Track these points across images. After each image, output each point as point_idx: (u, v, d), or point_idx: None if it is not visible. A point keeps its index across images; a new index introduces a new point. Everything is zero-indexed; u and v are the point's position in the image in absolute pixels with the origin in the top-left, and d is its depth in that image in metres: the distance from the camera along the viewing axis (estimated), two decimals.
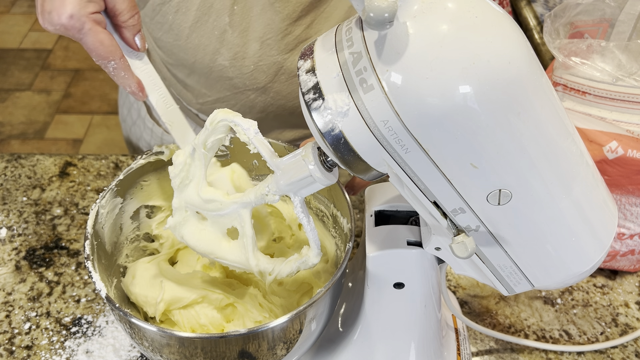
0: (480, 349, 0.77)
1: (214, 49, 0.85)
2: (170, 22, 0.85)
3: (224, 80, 0.89)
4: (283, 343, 0.56)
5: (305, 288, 0.69)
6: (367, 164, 0.45)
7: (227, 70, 0.87)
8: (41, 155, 1.00)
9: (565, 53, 0.76)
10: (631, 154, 0.73)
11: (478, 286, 0.84)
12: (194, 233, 0.60)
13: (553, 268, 0.51)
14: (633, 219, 0.79)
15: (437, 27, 0.40)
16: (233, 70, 0.87)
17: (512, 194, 0.45)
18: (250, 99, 0.91)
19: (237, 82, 0.89)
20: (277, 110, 0.93)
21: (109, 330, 0.76)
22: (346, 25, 0.45)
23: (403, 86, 0.40)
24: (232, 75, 0.88)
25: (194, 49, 0.86)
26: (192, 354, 0.54)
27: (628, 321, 0.80)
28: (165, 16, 0.84)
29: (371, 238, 0.58)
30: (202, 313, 0.65)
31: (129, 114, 1.12)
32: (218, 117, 0.56)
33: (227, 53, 0.85)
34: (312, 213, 0.72)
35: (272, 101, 0.91)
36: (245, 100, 0.92)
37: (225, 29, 0.83)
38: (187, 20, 0.83)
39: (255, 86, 0.89)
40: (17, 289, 0.81)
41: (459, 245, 0.47)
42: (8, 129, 2.54)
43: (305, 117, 0.45)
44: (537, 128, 0.43)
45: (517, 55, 0.41)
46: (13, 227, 0.89)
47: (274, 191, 0.54)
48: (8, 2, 3.24)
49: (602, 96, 0.75)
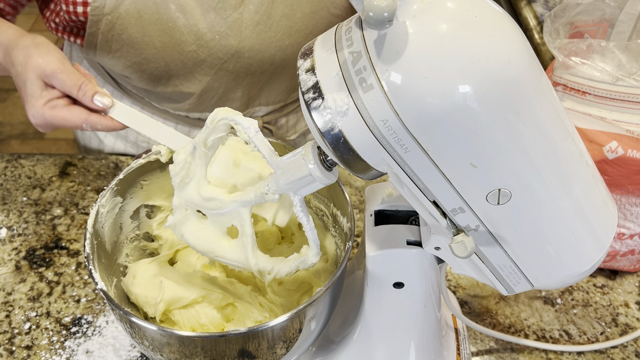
0: (480, 349, 0.77)
1: (176, 41, 0.87)
2: (126, 39, 0.87)
3: (199, 65, 0.91)
4: (283, 342, 0.56)
5: (305, 287, 0.69)
6: (366, 164, 0.45)
7: (197, 54, 0.89)
8: (41, 155, 1.01)
9: (565, 53, 0.76)
10: (631, 154, 0.73)
11: (478, 286, 0.84)
12: (194, 231, 0.60)
13: (553, 268, 0.51)
14: (633, 219, 0.79)
15: (437, 26, 0.40)
16: (202, 51, 0.88)
17: (511, 194, 0.45)
18: (231, 71, 0.92)
19: (211, 61, 0.90)
20: (261, 68, 0.93)
21: (109, 330, 0.76)
22: (346, 24, 0.45)
23: (402, 86, 0.40)
24: (204, 56, 0.89)
25: (159, 51, 0.88)
26: (192, 353, 0.54)
27: (628, 321, 0.80)
28: (120, 37, 0.87)
29: (371, 238, 0.58)
30: (202, 313, 0.65)
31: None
32: (219, 115, 0.56)
33: (189, 38, 0.87)
34: (312, 212, 0.72)
35: (250, 61, 0.92)
36: (228, 77, 0.93)
37: (176, 17, 0.85)
38: (139, 29, 0.86)
39: (228, 54, 0.90)
40: (17, 289, 0.81)
41: (459, 244, 0.47)
42: (8, 129, 2.54)
43: (305, 117, 0.45)
44: (537, 128, 0.43)
45: (517, 54, 0.41)
46: (13, 227, 0.89)
47: (273, 190, 0.54)
48: None
49: (602, 96, 0.75)
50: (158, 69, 0.91)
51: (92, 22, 0.86)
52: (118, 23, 0.85)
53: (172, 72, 0.91)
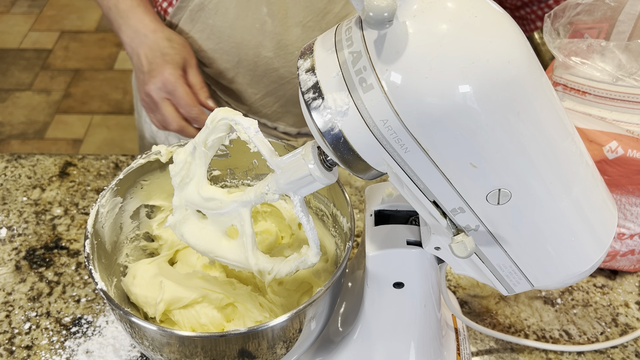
0: (480, 349, 0.77)
1: (256, 42, 0.87)
2: (211, 25, 0.87)
3: (270, 73, 0.91)
4: (283, 342, 0.56)
5: (305, 287, 0.69)
6: (366, 164, 0.45)
7: (272, 61, 0.88)
8: (41, 155, 1.01)
9: (565, 53, 0.76)
10: (631, 154, 0.73)
11: (478, 286, 0.84)
12: (194, 231, 0.60)
13: (553, 268, 0.51)
14: (633, 219, 0.79)
15: (437, 26, 0.40)
16: (278, 60, 0.88)
17: (511, 194, 0.45)
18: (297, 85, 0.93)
19: (283, 72, 0.90)
20: None
21: (109, 330, 0.76)
22: (346, 24, 0.45)
23: (402, 85, 0.40)
24: (278, 65, 0.89)
25: (237, 47, 0.88)
26: (192, 352, 0.54)
27: (628, 321, 0.80)
28: (205, 21, 0.87)
29: (371, 238, 0.58)
30: (202, 313, 0.65)
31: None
32: (219, 115, 0.56)
33: (269, 44, 0.86)
34: (312, 212, 0.72)
35: None
36: (293, 90, 0.93)
37: (264, 20, 0.85)
38: (227, 19, 0.85)
39: None
40: (17, 289, 0.81)
41: (459, 244, 0.47)
42: (8, 129, 2.54)
43: (305, 117, 0.45)
44: (537, 128, 0.43)
45: (517, 54, 0.41)
46: (13, 227, 0.89)
47: (273, 190, 0.54)
48: (8, 2, 3.24)
49: (602, 96, 0.75)
50: (230, 62, 0.91)
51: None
52: (209, 7, 0.86)
53: (242, 70, 0.92)
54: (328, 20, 0.85)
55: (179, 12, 0.89)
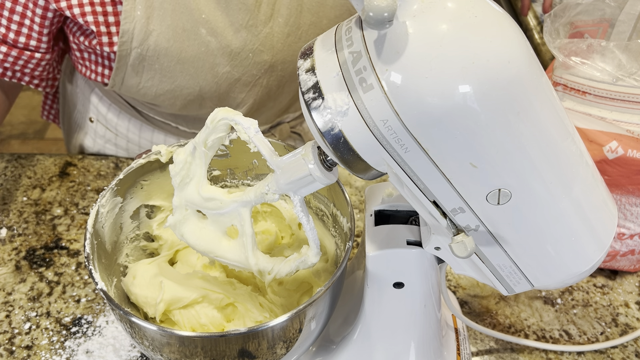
0: (480, 349, 0.77)
1: (210, 64, 0.87)
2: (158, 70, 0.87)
3: (233, 84, 0.91)
4: (283, 342, 0.56)
5: (305, 287, 0.69)
6: (366, 164, 0.45)
7: (232, 74, 0.89)
8: (41, 155, 1.01)
9: (565, 53, 0.76)
10: (631, 154, 0.73)
11: (478, 286, 0.84)
12: (194, 231, 0.60)
13: (553, 268, 0.51)
14: (633, 219, 0.79)
15: (437, 26, 0.40)
16: (237, 70, 0.89)
17: (511, 194, 0.45)
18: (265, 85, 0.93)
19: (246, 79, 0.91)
20: (292, 78, 0.94)
21: (109, 330, 0.76)
22: (346, 24, 0.45)
23: (402, 85, 0.40)
24: (238, 75, 0.90)
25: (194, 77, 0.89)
26: (193, 352, 0.54)
27: (628, 321, 0.80)
28: (151, 68, 0.87)
29: (371, 238, 0.58)
30: (202, 313, 0.65)
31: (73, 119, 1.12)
32: (219, 115, 0.56)
33: (222, 59, 0.87)
34: (312, 212, 0.72)
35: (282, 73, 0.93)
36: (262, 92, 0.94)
37: (208, 41, 0.86)
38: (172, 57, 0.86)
39: (262, 70, 0.91)
40: (17, 289, 0.81)
41: (459, 244, 0.47)
42: (8, 129, 2.54)
43: (305, 117, 0.45)
44: (537, 128, 0.43)
45: (517, 54, 0.41)
46: (13, 227, 0.89)
47: (273, 190, 0.54)
48: None
49: (602, 96, 0.75)
50: (192, 94, 0.90)
51: (121, 57, 0.85)
52: (148, 55, 0.85)
53: (206, 94, 0.91)
54: (264, 10, 0.86)
55: (119, 72, 0.88)
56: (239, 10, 0.84)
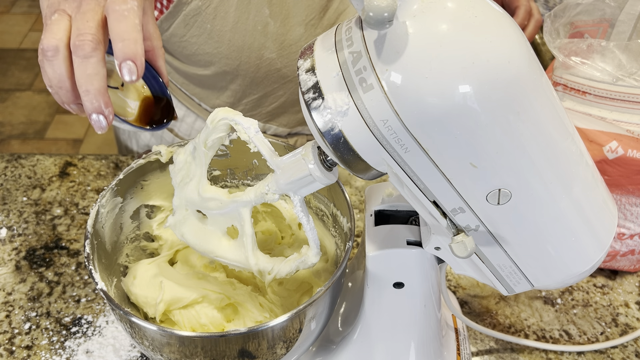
0: (480, 349, 0.77)
1: (259, 44, 0.86)
2: (209, 30, 0.85)
3: (272, 74, 0.90)
4: (283, 342, 0.56)
5: (305, 287, 0.69)
6: (366, 164, 0.45)
7: (275, 62, 0.88)
8: (41, 155, 1.01)
9: (565, 53, 0.76)
10: (631, 154, 0.73)
11: (478, 286, 0.84)
12: (194, 231, 0.61)
13: (553, 268, 0.51)
14: (633, 219, 0.79)
15: (437, 26, 0.40)
16: (281, 61, 0.88)
17: (511, 194, 0.45)
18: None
19: (286, 71, 0.89)
20: None
21: (109, 330, 0.76)
22: (346, 24, 0.45)
23: (402, 86, 0.40)
24: (280, 65, 0.88)
25: (238, 51, 0.86)
26: (193, 352, 0.54)
27: (628, 321, 0.80)
28: (202, 26, 0.84)
29: (371, 238, 0.58)
30: (202, 313, 0.65)
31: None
32: (219, 115, 0.56)
33: (272, 45, 0.86)
34: (312, 212, 0.72)
35: None
36: (294, 88, 0.92)
37: (267, 22, 0.84)
38: (227, 23, 0.84)
39: None
40: (17, 289, 0.81)
41: (459, 244, 0.47)
42: (8, 129, 2.54)
43: (305, 117, 0.45)
44: (537, 128, 0.43)
45: (517, 54, 0.41)
46: (13, 227, 0.89)
47: (273, 190, 0.54)
48: (8, 2, 3.24)
49: (602, 96, 0.75)
50: (229, 66, 0.89)
51: (179, 3, 0.82)
52: (207, 12, 0.83)
53: (242, 72, 0.90)
54: (328, 16, 0.86)
55: (170, 17, 0.85)
56: (307, 6, 0.84)
